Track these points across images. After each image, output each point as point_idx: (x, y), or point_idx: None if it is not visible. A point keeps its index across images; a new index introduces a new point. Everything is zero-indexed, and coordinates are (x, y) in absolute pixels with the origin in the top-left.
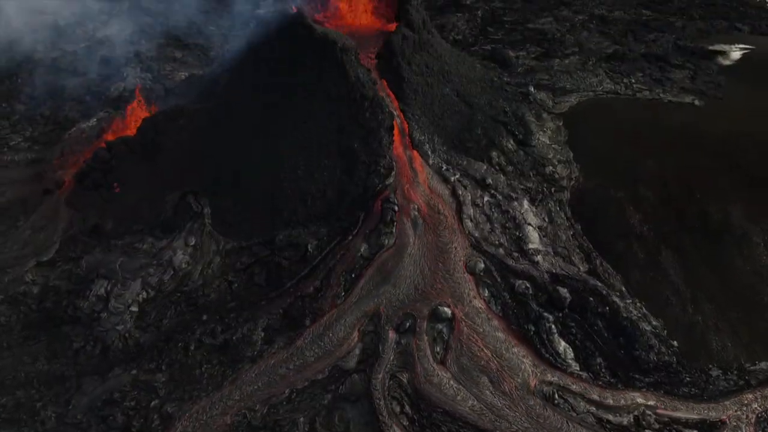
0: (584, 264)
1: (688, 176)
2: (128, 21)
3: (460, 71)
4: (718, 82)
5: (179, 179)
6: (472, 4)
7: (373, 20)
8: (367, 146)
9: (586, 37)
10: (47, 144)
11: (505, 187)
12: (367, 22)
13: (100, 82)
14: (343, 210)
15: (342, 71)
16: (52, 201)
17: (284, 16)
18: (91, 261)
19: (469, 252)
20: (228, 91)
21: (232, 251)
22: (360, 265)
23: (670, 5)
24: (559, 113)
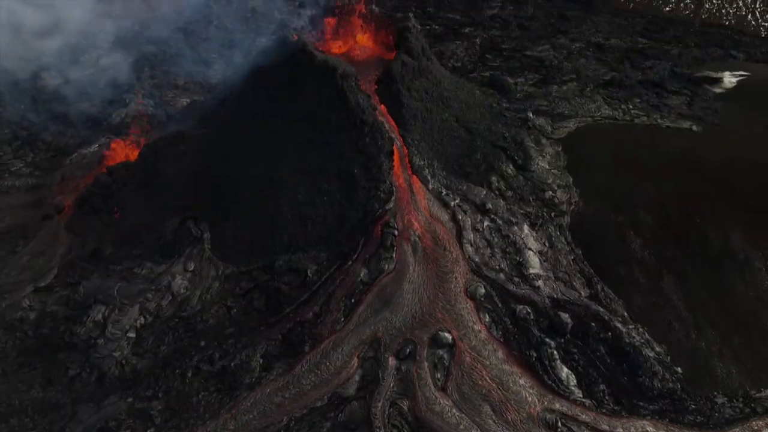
0: (585, 289)
1: (688, 201)
2: (132, 49)
3: (459, 97)
4: (715, 108)
5: (179, 204)
6: (471, 33)
7: (373, 48)
8: (367, 171)
9: (583, 64)
10: (48, 170)
11: (505, 212)
12: (367, 50)
13: (102, 109)
14: (343, 235)
15: (342, 97)
16: (51, 226)
17: (285, 44)
18: (89, 286)
19: (470, 277)
20: (229, 116)
21: (232, 276)
22: (360, 290)
23: (666, 33)
24: (557, 138)
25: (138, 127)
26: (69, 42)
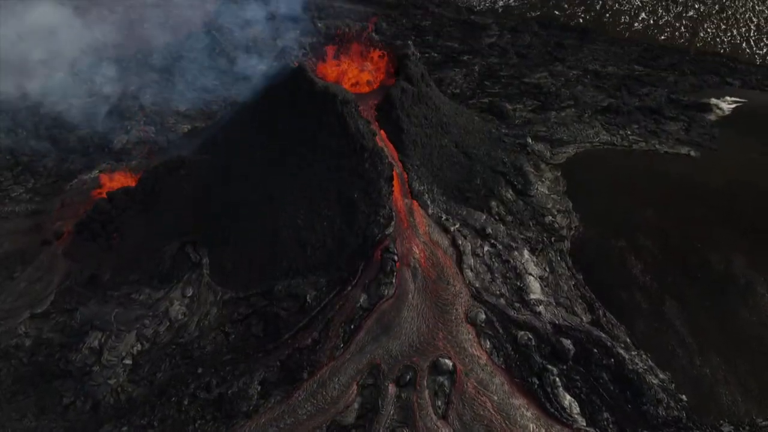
0: (587, 314)
1: (688, 226)
2: (135, 76)
3: (458, 123)
4: (713, 134)
5: (179, 229)
6: (469, 60)
7: (373, 75)
8: (366, 196)
9: (581, 90)
10: (48, 195)
11: (505, 237)
12: (367, 77)
13: (104, 135)
14: (342, 260)
15: (342, 123)
16: (50, 252)
17: (286, 71)
18: (86, 312)
19: (470, 302)
20: (229, 142)
21: (230, 302)
22: (359, 316)
23: (661, 61)
24: (557, 164)
25: (139, 153)
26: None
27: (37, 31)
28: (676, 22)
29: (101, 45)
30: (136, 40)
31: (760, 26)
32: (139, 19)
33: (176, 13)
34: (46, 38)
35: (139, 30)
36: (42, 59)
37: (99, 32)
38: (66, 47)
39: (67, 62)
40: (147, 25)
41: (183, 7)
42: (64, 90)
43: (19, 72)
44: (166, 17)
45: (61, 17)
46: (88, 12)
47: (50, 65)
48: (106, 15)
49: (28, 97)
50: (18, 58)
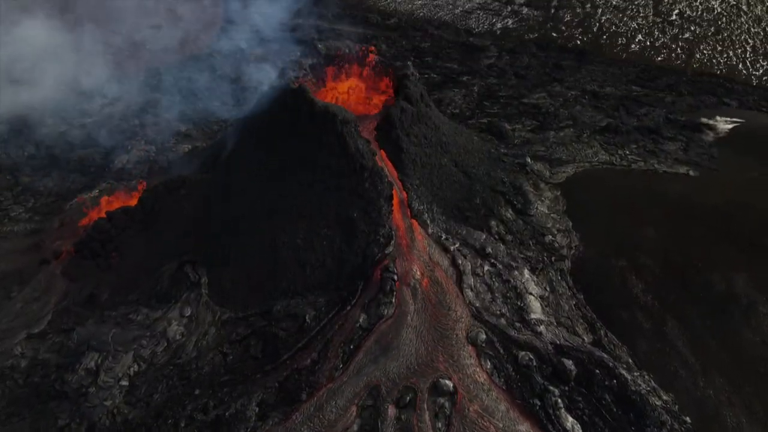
0: (588, 335)
1: (689, 245)
2: (136, 97)
3: (457, 142)
4: (711, 154)
5: (178, 249)
6: (468, 81)
7: (373, 95)
8: (366, 215)
9: (579, 111)
10: (48, 215)
11: (505, 257)
12: (367, 97)
13: (104, 155)
14: (342, 279)
15: (342, 142)
16: (48, 272)
17: (286, 91)
18: (83, 333)
19: (470, 322)
20: (229, 161)
21: (228, 322)
22: (359, 336)
23: (659, 82)
24: (556, 183)
25: (139, 173)
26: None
27: (39, 52)
28: (673, 44)
29: (103, 66)
30: (138, 61)
31: (756, 48)
32: (141, 40)
33: (178, 35)
34: (48, 59)
35: (141, 51)
36: (44, 79)
37: (101, 53)
38: (68, 68)
39: (69, 83)
40: (149, 46)
41: (185, 29)
42: (66, 110)
43: (22, 92)
44: (169, 39)
45: (63, 38)
46: (91, 33)
47: (52, 85)
48: (108, 36)
49: (31, 117)
50: (20, 78)
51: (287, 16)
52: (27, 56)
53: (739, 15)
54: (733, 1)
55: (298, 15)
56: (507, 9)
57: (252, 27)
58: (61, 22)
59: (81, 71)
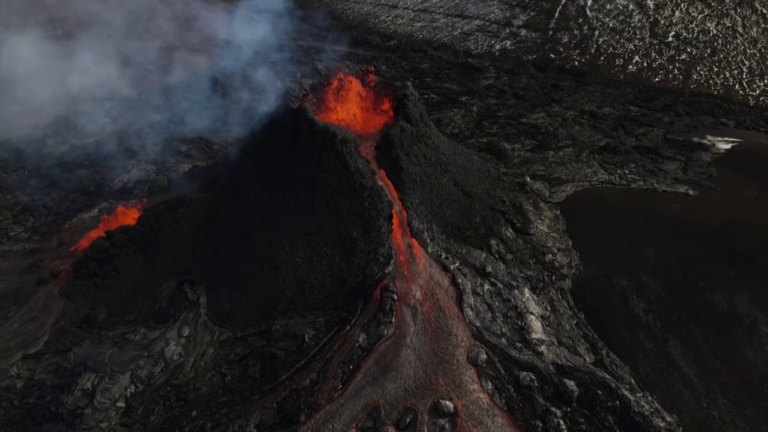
0: (590, 355)
1: (690, 264)
2: (137, 117)
3: (457, 162)
4: (710, 173)
5: (177, 268)
6: (468, 101)
7: (373, 115)
8: (366, 235)
9: (578, 130)
10: (47, 234)
11: (505, 276)
12: (367, 117)
13: (105, 174)
14: (341, 299)
15: (342, 162)
16: (45, 291)
17: (286, 110)
18: (80, 353)
19: (471, 342)
20: (229, 180)
21: (227, 342)
22: (358, 356)
23: (656, 102)
24: (556, 202)
25: (139, 192)
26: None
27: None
28: (669, 65)
29: (105, 85)
30: (140, 81)
31: (753, 69)
32: (143, 60)
33: (180, 56)
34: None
35: (142, 71)
36: (46, 100)
37: (103, 73)
38: (70, 88)
39: (71, 103)
40: (150, 66)
41: (186, 50)
42: (67, 130)
43: (23, 112)
44: (170, 59)
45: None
46: (93, 53)
47: (54, 106)
48: (110, 56)
49: (32, 137)
50: (22, 98)
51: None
52: (28, 75)
53: (734, 37)
54: (729, 23)
55: (298, 36)
56: (505, 31)
57: (253, 48)
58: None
59: (83, 91)
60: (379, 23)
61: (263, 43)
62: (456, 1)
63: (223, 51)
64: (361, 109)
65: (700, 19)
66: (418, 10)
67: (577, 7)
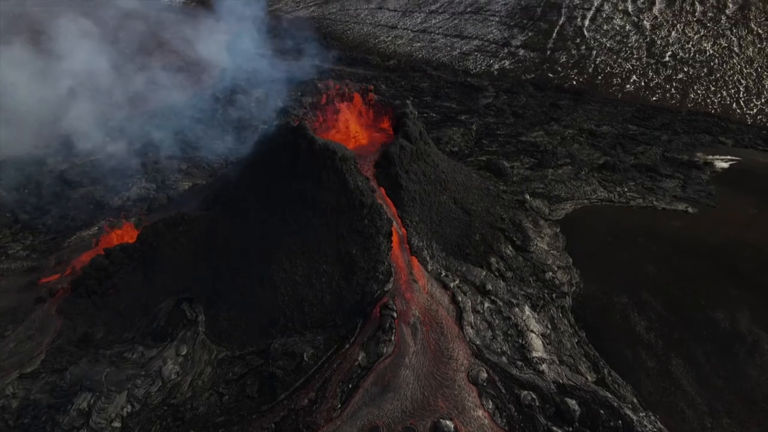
0: (592, 373)
1: (691, 282)
2: (138, 136)
3: (456, 180)
4: (709, 191)
5: (176, 286)
6: (467, 120)
7: (372, 133)
8: (365, 252)
9: (577, 148)
10: (46, 252)
11: (505, 293)
12: (366, 135)
13: (105, 192)
14: (340, 317)
15: (341, 179)
16: (43, 310)
17: (287, 129)
18: (77, 372)
19: (471, 361)
20: (228, 198)
21: (225, 361)
22: (357, 375)
23: (654, 121)
24: (555, 220)
25: (139, 210)
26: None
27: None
28: (667, 84)
29: (106, 104)
30: (141, 99)
31: (749, 88)
32: (144, 80)
33: (181, 76)
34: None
35: (143, 90)
36: (47, 118)
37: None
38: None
39: (71, 122)
40: (152, 86)
41: (187, 70)
42: (67, 149)
43: (25, 131)
44: (172, 79)
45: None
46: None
47: (56, 124)
48: (111, 76)
49: (33, 155)
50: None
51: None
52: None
53: (731, 56)
54: (725, 44)
55: (298, 56)
56: (504, 51)
57: (253, 67)
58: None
59: (84, 110)
60: (378, 43)
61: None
62: (455, 22)
63: (224, 70)
64: (361, 126)
65: (696, 39)
66: (417, 31)
67: (574, 27)
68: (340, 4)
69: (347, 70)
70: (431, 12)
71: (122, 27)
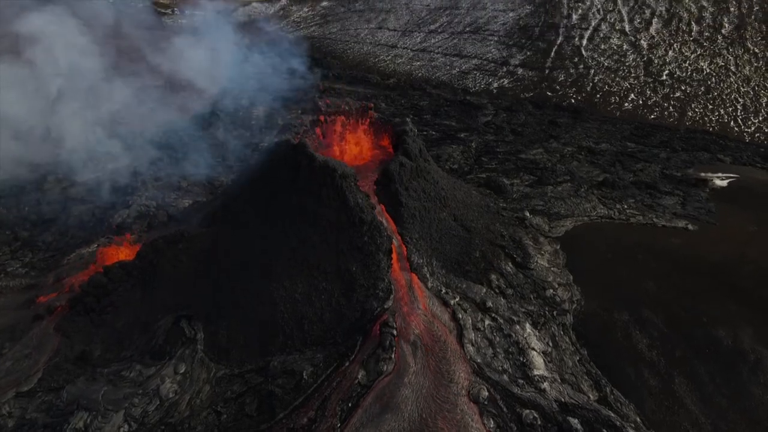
0: (594, 392)
1: (692, 299)
2: (138, 154)
3: (456, 197)
4: (709, 208)
5: (175, 303)
6: (466, 138)
7: (372, 150)
8: (365, 269)
9: (576, 166)
10: (44, 270)
11: (506, 311)
12: (366, 152)
13: (105, 210)
14: (340, 334)
15: (341, 196)
16: (40, 328)
17: (286, 146)
18: (73, 391)
19: (472, 379)
20: (228, 215)
21: (224, 379)
22: (357, 393)
23: (653, 139)
24: (555, 237)
25: (138, 227)
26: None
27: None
28: (665, 102)
29: (107, 123)
30: (141, 118)
31: (747, 106)
32: (146, 98)
33: (182, 95)
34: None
35: (144, 109)
36: (48, 136)
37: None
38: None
39: (73, 139)
40: (153, 105)
41: (188, 88)
42: (69, 166)
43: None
44: (172, 97)
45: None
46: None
47: (56, 142)
48: (112, 93)
49: (33, 173)
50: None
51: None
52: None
53: (728, 75)
54: (722, 63)
55: (299, 74)
56: (503, 70)
57: (254, 85)
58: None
59: (85, 128)
60: (378, 62)
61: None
62: (454, 42)
63: (224, 88)
64: (361, 144)
65: (693, 58)
66: (416, 50)
67: (572, 47)
68: (340, 24)
69: (347, 88)
70: (431, 32)
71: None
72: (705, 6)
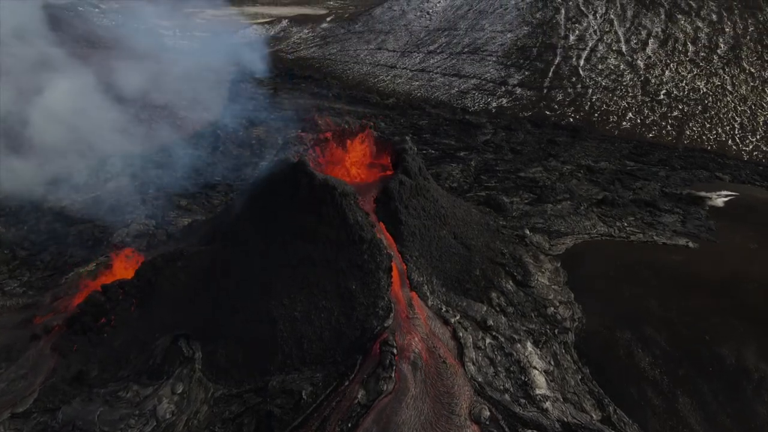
0: (596, 411)
1: (695, 317)
2: (138, 172)
3: (456, 215)
4: (709, 226)
5: (173, 322)
6: (466, 156)
7: (372, 168)
8: (365, 288)
9: (575, 184)
10: (42, 289)
11: (507, 329)
12: (366, 170)
13: (104, 229)
14: (340, 353)
15: (341, 214)
16: (37, 347)
17: (286, 164)
18: (69, 412)
19: (473, 398)
20: (228, 234)
21: (222, 399)
22: (357, 413)
23: (651, 157)
24: (556, 255)
25: (137, 246)
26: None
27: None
28: (662, 121)
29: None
30: (141, 136)
31: (744, 125)
32: (147, 118)
33: (182, 114)
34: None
35: (145, 128)
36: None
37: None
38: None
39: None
40: (154, 125)
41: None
42: (68, 185)
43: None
44: (173, 116)
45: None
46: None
47: (56, 161)
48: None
49: (33, 192)
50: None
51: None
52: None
53: (724, 95)
54: (718, 82)
55: (299, 94)
56: (501, 89)
57: (254, 104)
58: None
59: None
60: (378, 82)
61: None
62: (453, 62)
63: (225, 107)
64: (361, 163)
65: (689, 78)
66: (416, 70)
67: (570, 67)
68: (340, 44)
69: (347, 108)
70: (429, 52)
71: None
72: (700, 27)
